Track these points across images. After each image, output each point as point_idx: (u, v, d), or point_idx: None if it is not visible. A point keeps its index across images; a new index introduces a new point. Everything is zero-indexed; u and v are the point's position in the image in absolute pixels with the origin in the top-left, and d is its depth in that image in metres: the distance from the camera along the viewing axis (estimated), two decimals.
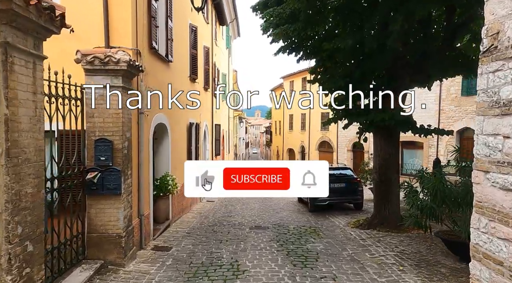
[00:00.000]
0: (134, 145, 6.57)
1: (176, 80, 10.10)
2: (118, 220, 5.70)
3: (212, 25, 17.53)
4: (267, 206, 13.46)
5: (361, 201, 12.05)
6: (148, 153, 7.50)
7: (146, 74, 7.26)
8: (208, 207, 13.19)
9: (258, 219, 10.52)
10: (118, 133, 5.67)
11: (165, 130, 9.05)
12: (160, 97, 6.42)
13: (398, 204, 9.03)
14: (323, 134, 31.04)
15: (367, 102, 8.99)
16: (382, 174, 8.94)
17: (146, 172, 7.39)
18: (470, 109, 19.82)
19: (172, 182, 8.86)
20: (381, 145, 8.96)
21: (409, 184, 6.57)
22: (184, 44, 11.25)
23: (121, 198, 5.71)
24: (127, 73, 5.73)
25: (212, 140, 17.58)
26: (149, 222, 7.49)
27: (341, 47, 7.48)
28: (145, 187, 7.30)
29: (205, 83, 15.06)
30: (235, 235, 8.43)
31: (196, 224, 9.82)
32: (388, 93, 8.73)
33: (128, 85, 5.98)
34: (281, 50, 9.81)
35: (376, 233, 8.38)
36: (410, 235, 8.11)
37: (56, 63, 5.00)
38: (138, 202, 6.81)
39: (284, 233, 8.70)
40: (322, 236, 8.36)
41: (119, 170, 5.63)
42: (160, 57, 8.35)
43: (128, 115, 5.94)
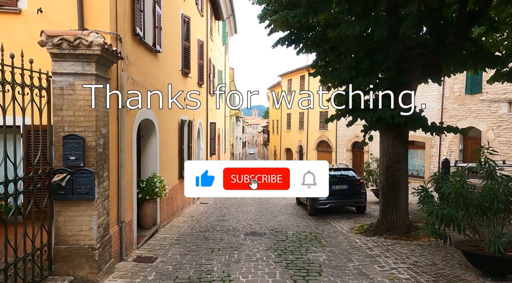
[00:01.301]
0: (113, 143, 5.78)
1: (166, 73, 9.32)
2: (91, 230, 4.91)
3: (207, 18, 16.75)
4: (264, 209, 12.69)
5: (364, 204, 11.30)
6: (131, 152, 6.72)
7: (129, 63, 6.48)
8: (201, 209, 12.41)
9: (254, 224, 9.75)
10: (91, 128, 4.88)
11: (152, 127, 8.26)
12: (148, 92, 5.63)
13: (407, 208, 8.29)
14: (322, 134, 30.31)
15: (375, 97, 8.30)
16: (390, 176, 8.18)
17: (129, 173, 6.60)
18: (474, 108, 19.12)
19: (160, 184, 8.08)
20: (388, 144, 8.21)
21: (423, 188, 5.81)
22: (175, 35, 10.46)
23: (95, 204, 4.92)
24: (102, 59, 4.93)
25: (207, 139, 16.80)
26: (132, 229, 6.70)
27: (348, 35, 6.73)
28: (128, 190, 6.51)
29: (199, 79, 14.28)
30: (229, 242, 7.65)
31: (187, 229, 9.03)
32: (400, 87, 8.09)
33: (104, 74, 5.19)
34: (280, 42, 9.05)
35: (384, 241, 7.63)
36: (421, 243, 7.36)
37: (24, 50, 4.26)
38: (118, 207, 6.02)
39: (283, 240, 7.93)
40: (324, 244, 7.60)
41: (92, 172, 4.84)
42: (146, 46, 7.56)
43: (103, 108, 5.15)
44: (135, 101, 6.73)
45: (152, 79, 7.99)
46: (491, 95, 18.03)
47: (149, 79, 7.81)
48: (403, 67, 7.79)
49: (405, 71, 7.77)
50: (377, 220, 8.71)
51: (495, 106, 17.84)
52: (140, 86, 7.12)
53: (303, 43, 9.13)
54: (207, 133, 16.64)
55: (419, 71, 7.94)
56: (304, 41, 9.10)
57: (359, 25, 6.70)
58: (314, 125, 31.20)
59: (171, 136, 10.03)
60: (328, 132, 29.55)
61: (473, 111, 18.99)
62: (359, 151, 26.84)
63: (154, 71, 8.28)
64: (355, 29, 6.68)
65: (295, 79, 34.70)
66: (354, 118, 8.22)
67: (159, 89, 8.70)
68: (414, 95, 8.38)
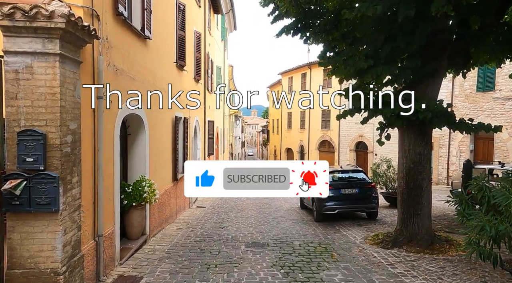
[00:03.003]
0: (87, 141, 4.77)
1: (157, 63, 8.31)
2: (54, 250, 3.91)
3: (205, 10, 15.75)
4: (265, 213, 11.69)
5: (376, 210, 10.30)
6: (112, 152, 5.71)
7: (109, 47, 5.47)
8: (197, 214, 11.40)
9: (255, 232, 8.75)
10: (54, 122, 3.88)
11: (141, 123, 7.26)
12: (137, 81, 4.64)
13: (430, 217, 7.30)
14: (324, 133, 29.32)
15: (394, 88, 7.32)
16: (411, 180, 7.19)
17: (110, 177, 5.60)
18: (486, 106, 18.13)
19: (149, 188, 7.07)
20: (409, 144, 7.22)
21: (462, 196, 4.81)
22: (168, 23, 9.46)
23: (59, 217, 3.92)
24: (69, 35, 3.94)
25: (204, 138, 15.79)
26: (113, 242, 5.69)
27: (369, 15, 5.72)
28: (108, 196, 5.51)
29: (196, 74, 13.27)
30: (227, 256, 6.66)
31: (180, 239, 8.03)
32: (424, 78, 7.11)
33: (74, 55, 4.19)
34: (285, 31, 8.07)
35: (406, 255, 6.64)
36: (449, 258, 6.37)
37: None
38: (95, 218, 5.01)
39: (289, 253, 6.94)
40: (337, 258, 6.61)
41: (55, 177, 3.85)
42: (132, 30, 6.55)
43: (72, 97, 4.15)
44: (135, 101, 5.80)
45: (139, 68, 6.99)
46: (505, 93, 17.06)
47: (136, 68, 6.80)
48: (427, 55, 6.81)
49: (429, 60, 6.79)
50: (395, 229, 7.72)
51: (510, 104, 16.87)
52: (124, 75, 6.12)
53: (311, 32, 8.16)
54: (204, 131, 15.64)
55: (446, 60, 6.95)
56: (312, 29, 8.13)
57: (381, 4, 5.69)
58: (316, 125, 30.21)
59: (164, 134, 9.03)
60: (330, 132, 28.57)
61: (485, 110, 18.01)
62: (363, 152, 25.87)
63: (143, 60, 7.28)
64: (376, 8, 5.67)
65: (296, 77, 33.68)
66: (371, 114, 7.22)
67: (149, 81, 7.78)
68: (439, 88, 7.52)
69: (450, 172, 20.32)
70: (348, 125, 26.24)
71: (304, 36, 8.31)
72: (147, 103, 5.63)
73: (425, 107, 6.13)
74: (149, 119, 7.50)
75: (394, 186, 13.14)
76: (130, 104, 5.85)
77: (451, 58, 7.15)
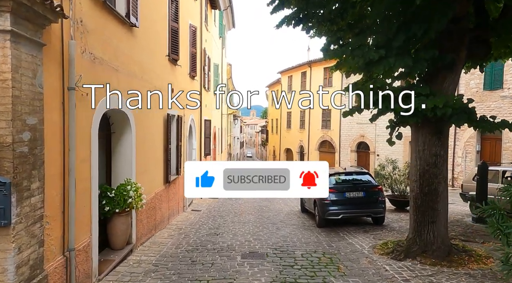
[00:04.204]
0: (54, 139, 4.05)
1: (147, 55, 7.60)
2: (5, 272, 3.19)
3: (202, 4, 15.05)
4: (264, 218, 10.97)
5: (383, 215, 9.59)
6: (89, 151, 4.98)
7: (85, 31, 4.75)
8: (191, 219, 10.68)
9: (253, 240, 8.03)
10: (4, 116, 3.17)
11: (126, 120, 6.54)
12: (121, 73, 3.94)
13: (446, 225, 6.60)
14: (324, 133, 28.61)
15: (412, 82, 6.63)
16: (425, 184, 6.49)
17: (86, 180, 4.87)
18: (494, 105, 17.46)
19: (135, 193, 6.35)
20: (424, 143, 6.51)
21: (495, 206, 4.10)
22: (160, 12, 8.74)
23: (12, 232, 3.20)
24: (23, 9, 3.22)
25: (201, 138, 15.08)
26: (90, 256, 4.96)
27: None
28: (83, 203, 4.79)
29: (192, 70, 12.56)
30: (221, 269, 5.94)
31: (171, 247, 7.31)
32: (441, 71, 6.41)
33: (33, 35, 3.46)
34: (286, 21, 7.36)
35: (421, 268, 5.93)
36: (471, 272, 5.66)
37: None
38: (64, 230, 4.28)
39: (291, 265, 6.22)
40: (344, 271, 5.90)
41: (5, 183, 3.13)
42: (115, 15, 5.84)
43: (31, 86, 3.43)
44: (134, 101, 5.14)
45: (125, 59, 6.28)
46: None
47: (121, 59, 6.09)
48: (444, 46, 6.11)
49: (447, 51, 6.09)
50: (406, 238, 7.01)
51: None
52: (105, 65, 5.40)
53: (314, 22, 7.45)
54: (200, 131, 14.92)
55: (465, 51, 6.25)
56: (315, 19, 7.43)
57: None
58: (316, 124, 29.50)
59: (154, 133, 8.31)
60: (331, 132, 27.88)
61: (493, 109, 17.32)
62: (364, 152, 25.19)
63: (129, 50, 6.56)
64: None
65: (295, 75, 32.97)
66: (380, 111, 6.51)
67: (136, 74, 7.05)
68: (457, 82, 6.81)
69: (455, 173, 19.65)
70: (349, 125, 25.56)
71: (306, 27, 7.61)
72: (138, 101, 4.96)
73: (443, 102, 5.46)
74: (136, 116, 6.78)
75: (400, 188, 12.47)
76: (110, 99, 5.13)
77: (470, 49, 6.46)
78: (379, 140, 23.31)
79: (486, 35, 6.42)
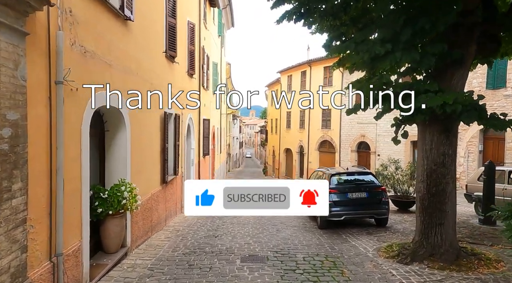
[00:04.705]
0: (39, 136, 3.77)
1: (142, 50, 7.32)
2: None
3: (201, 1, 14.78)
4: (264, 219, 10.65)
5: (387, 216, 9.33)
6: (80, 150, 4.70)
7: (75, 23, 4.47)
8: (189, 220, 10.38)
9: (253, 242, 7.75)
10: None
11: (120, 118, 6.27)
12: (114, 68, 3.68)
13: (454, 227, 6.33)
14: (324, 133, 28.33)
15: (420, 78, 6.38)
16: (433, 184, 6.22)
17: (75, 180, 4.59)
18: (497, 105, 17.16)
19: (129, 194, 6.08)
20: (432, 142, 6.25)
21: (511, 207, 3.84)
22: (156, 7, 8.47)
23: None
24: None
25: (199, 137, 14.79)
26: (80, 260, 4.68)
27: None
28: (73, 205, 4.51)
29: (190, 68, 12.29)
30: (220, 274, 5.66)
31: (167, 250, 7.03)
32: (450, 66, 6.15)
33: (13, 23, 3.19)
34: (286, 16, 7.08)
35: (430, 272, 5.66)
36: (482, 277, 5.39)
37: None
38: (51, 234, 4.00)
39: (292, 269, 5.95)
40: (348, 276, 5.62)
41: None
42: (108, 7, 5.56)
43: (12, 78, 3.15)
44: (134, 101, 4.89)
45: (119, 54, 6.00)
46: None
47: (114, 53, 5.81)
48: (453, 40, 5.85)
49: (455, 46, 5.83)
50: (412, 240, 6.75)
51: None
52: (97, 59, 5.12)
53: (315, 16, 7.19)
54: (199, 130, 14.64)
55: (474, 46, 5.99)
56: (317, 13, 7.16)
57: None
58: (316, 124, 29.23)
59: (150, 132, 8.03)
60: (331, 132, 27.61)
61: (496, 108, 17.01)
62: (365, 152, 24.93)
63: (124, 45, 6.28)
64: None
65: (295, 75, 32.69)
66: (385, 108, 6.24)
67: (132, 70, 6.77)
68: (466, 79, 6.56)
69: (457, 173, 19.37)
70: (349, 124, 25.31)
71: (307, 22, 7.33)
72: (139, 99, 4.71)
73: (453, 99, 5.20)
74: (131, 113, 6.50)
75: (403, 189, 12.22)
76: (103, 94, 4.86)
77: (478, 43, 6.19)
78: (380, 140, 23.05)
79: (494, 30, 6.16)
